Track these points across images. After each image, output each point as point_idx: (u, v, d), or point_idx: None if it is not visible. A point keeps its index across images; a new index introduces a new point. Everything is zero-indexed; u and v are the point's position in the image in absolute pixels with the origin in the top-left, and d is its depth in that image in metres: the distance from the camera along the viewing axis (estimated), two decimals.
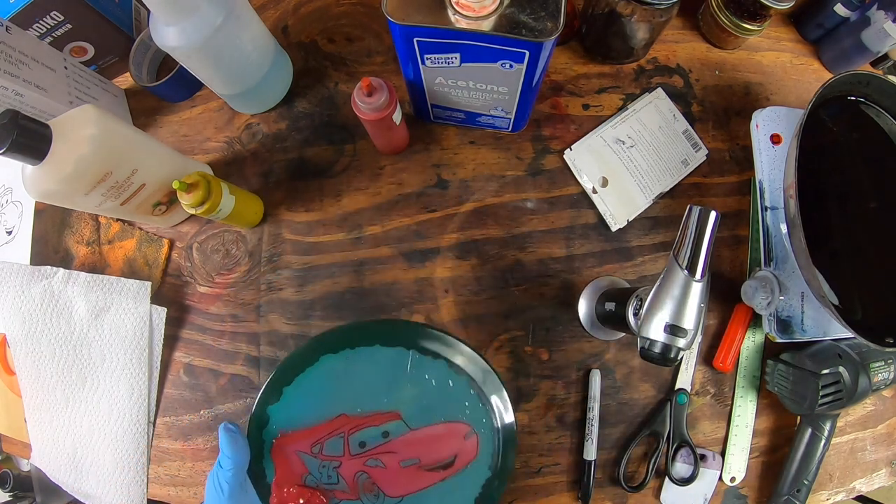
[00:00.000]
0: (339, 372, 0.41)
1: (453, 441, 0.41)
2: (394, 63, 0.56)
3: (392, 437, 0.40)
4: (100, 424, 0.52)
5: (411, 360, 0.41)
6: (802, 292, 0.48)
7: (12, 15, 0.46)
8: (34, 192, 0.41)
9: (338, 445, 0.40)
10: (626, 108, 0.54)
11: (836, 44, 0.55)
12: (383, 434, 0.40)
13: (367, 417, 0.40)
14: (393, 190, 0.53)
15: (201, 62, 0.46)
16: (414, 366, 0.41)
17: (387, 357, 0.41)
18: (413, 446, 0.40)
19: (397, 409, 0.41)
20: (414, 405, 0.41)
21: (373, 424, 0.40)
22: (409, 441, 0.40)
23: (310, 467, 0.40)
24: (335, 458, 0.40)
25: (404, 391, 0.41)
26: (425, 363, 0.41)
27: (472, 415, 0.41)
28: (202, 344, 0.53)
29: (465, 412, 0.41)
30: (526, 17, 0.35)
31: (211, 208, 0.45)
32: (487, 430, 0.41)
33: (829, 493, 0.51)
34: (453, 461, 0.41)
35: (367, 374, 0.41)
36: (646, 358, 0.35)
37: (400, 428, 0.40)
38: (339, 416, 0.40)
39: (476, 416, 0.41)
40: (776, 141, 0.51)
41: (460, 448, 0.41)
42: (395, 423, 0.40)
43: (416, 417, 0.41)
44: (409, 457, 0.40)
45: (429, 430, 0.41)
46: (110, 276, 0.53)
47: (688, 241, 0.34)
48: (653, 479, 0.49)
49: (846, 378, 0.45)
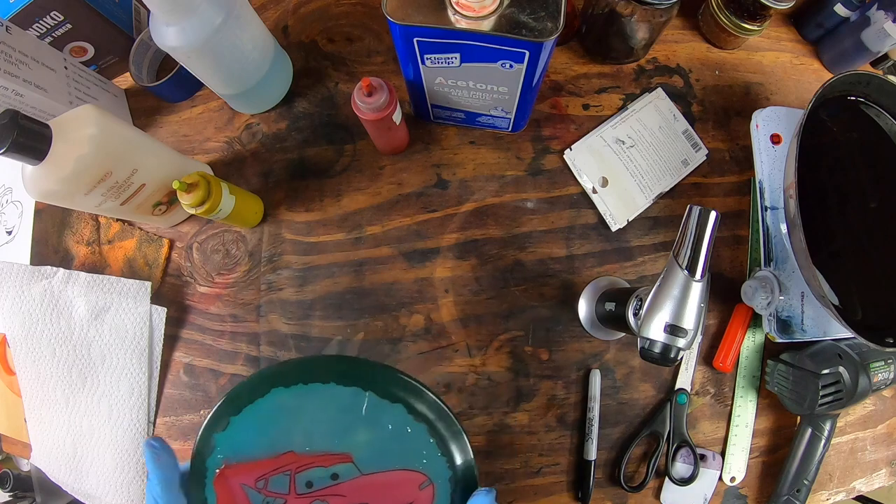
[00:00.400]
0: (290, 407, 0.38)
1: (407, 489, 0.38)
2: (394, 63, 0.56)
3: (342, 480, 0.38)
4: (100, 424, 0.52)
5: (367, 402, 0.38)
6: (802, 292, 0.48)
7: (12, 15, 0.46)
8: (34, 192, 0.41)
9: (283, 483, 0.38)
10: (626, 108, 0.54)
11: (836, 44, 0.55)
12: (332, 476, 0.38)
13: (317, 457, 0.38)
14: (393, 190, 0.53)
15: (201, 62, 0.46)
16: (370, 408, 0.38)
17: (342, 396, 0.38)
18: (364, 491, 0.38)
19: (349, 452, 0.38)
20: (367, 449, 0.38)
21: (322, 465, 0.38)
22: (359, 486, 0.38)
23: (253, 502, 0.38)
24: (280, 496, 0.38)
25: (358, 434, 0.38)
26: (383, 406, 0.38)
27: (429, 464, 0.38)
28: (202, 344, 0.53)
29: (421, 461, 0.38)
30: (526, 17, 0.35)
31: (211, 208, 0.45)
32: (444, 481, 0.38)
33: (829, 493, 0.51)
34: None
35: (319, 413, 0.38)
36: (646, 358, 0.35)
37: (350, 471, 0.38)
38: (287, 452, 0.38)
39: (433, 466, 0.38)
40: (776, 141, 0.51)
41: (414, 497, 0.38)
42: (345, 465, 0.38)
43: (369, 462, 0.38)
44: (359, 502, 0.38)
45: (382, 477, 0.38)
46: (110, 276, 0.53)
47: (688, 241, 0.34)
48: (653, 479, 0.49)
49: (846, 378, 0.45)
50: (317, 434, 0.38)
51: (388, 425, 0.38)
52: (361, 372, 0.38)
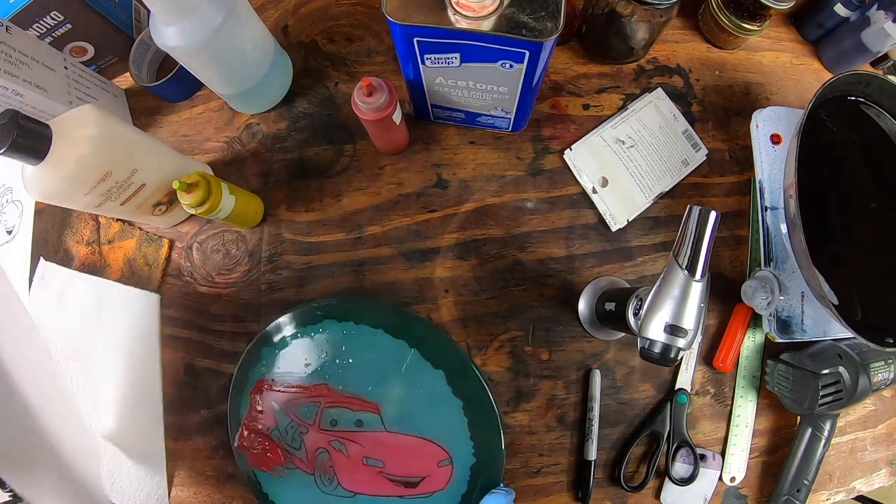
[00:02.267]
0: (337, 342, 0.38)
1: (425, 461, 0.37)
2: (394, 63, 0.56)
3: (364, 429, 0.37)
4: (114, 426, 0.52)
5: (410, 359, 0.38)
6: (802, 292, 0.48)
7: (12, 15, 0.46)
8: (34, 192, 0.41)
9: (311, 413, 0.38)
10: (626, 108, 0.54)
11: (836, 44, 0.55)
12: (356, 422, 0.37)
13: (347, 398, 0.38)
14: (393, 190, 0.53)
15: (201, 62, 0.46)
16: (411, 366, 0.38)
17: (387, 346, 0.38)
18: (381, 448, 0.37)
19: (379, 403, 0.38)
20: (397, 406, 0.38)
21: (350, 408, 0.38)
22: (379, 440, 0.37)
23: (279, 422, 0.39)
24: (304, 424, 0.38)
25: (392, 388, 0.38)
26: (424, 369, 0.38)
27: (454, 444, 0.37)
28: (202, 344, 0.53)
29: (447, 438, 0.37)
30: (526, 17, 0.35)
31: (211, 208, 0.45)
32: (465, 467, 0.37)
33: (829, 493, 0.51)
34: (418, 483, 0.37)
35: (361, 355, 0.38)
36: (646, 358, 0.35)
37: (375, 423, 0.37)
38: (322, 384, 0.38)
39: (458, 448, 0.37)
40: (776, 141, 0.51)
41: (431, 472, 0.37)
42: (372, 415, 0.37)
43: (395, 420, 0.37)
44: (374, 456, 0.37)
45: (403, 439, 0.37)
46: (119, 284, 0.53)
47: (688, 241, 0.34)
48: (653, 479, 0.49)
49: (846, 378, 0.45)
50: (353, 376, 0.38)
51: (422, 390, 0.37)
52: (414, 328, 0.38)
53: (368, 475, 0.37)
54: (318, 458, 0.37)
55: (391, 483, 0.37)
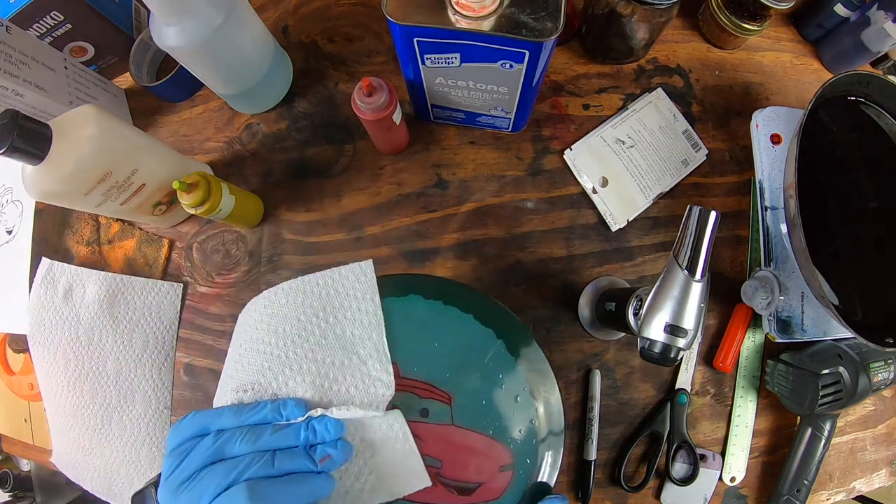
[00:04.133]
0: (419, 320, 0.35)
1: (487, 464, 0.34)
2: (394, 63, 0.56)
3: (429, 420, 0.34)
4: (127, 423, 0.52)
5: (494, 351, 0.35)
6: (802, 292, 0.48)
7: (12, 15, 0.46)
8: (34, 192, 0.41)
9: None
10: (626, 108, 0.54)
11: (836, 44, 0.55)
12: (422, 411, 0.34)
13: (417, 384, 0.34)
14: (393, 190, 0.53)
15: (201, 62, 0.46)
16: (494, 358, 0.35)
17: (473, 333, 0.35)
18: (443, 443, 0.34)
19: (452, 393, 0.34)
20: (471, 399, 0.34)
21: (417, 394, 0.34)
22: (442, 434, 0.34)
23: None
24: None
25: (470, 378, 0.34)
26: (506, 363, 0.35)
27: (519, 447, 0.34)
28: (202, 344, 0.53)
29: (515, 440, 0.34)
30: (526, 17, 0.35)
31: (211, 208, 0.45)
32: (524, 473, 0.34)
33: (829, 493, 0.51)
34: (474, 489, 0.34)
35: (443, 338, 0.35)
36: (646, 358, 0.35)
37: (442, 414, 0.34)
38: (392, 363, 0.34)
39: (522, 451, 0.34)
40: (776, 141, 0.51)
41: (490, 477, 0.34)
42: (441, 405, 0.34)
43: (465, 415, 0.34)
44: (433, 454, 0.33)
45: (469, 435, 0.34)
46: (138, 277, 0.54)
47: (688, 241, 0.34)
48: (653, 479, 0.49)
49: (846, 378, 0.45)
50: (429, 359, 0.34)
51: (503, 385, 0.34)
52: (505, 320, 0.36)
53: None
54: None
55: (444, 489, 0.33)
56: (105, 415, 0.52)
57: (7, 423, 0.58)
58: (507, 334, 0.36)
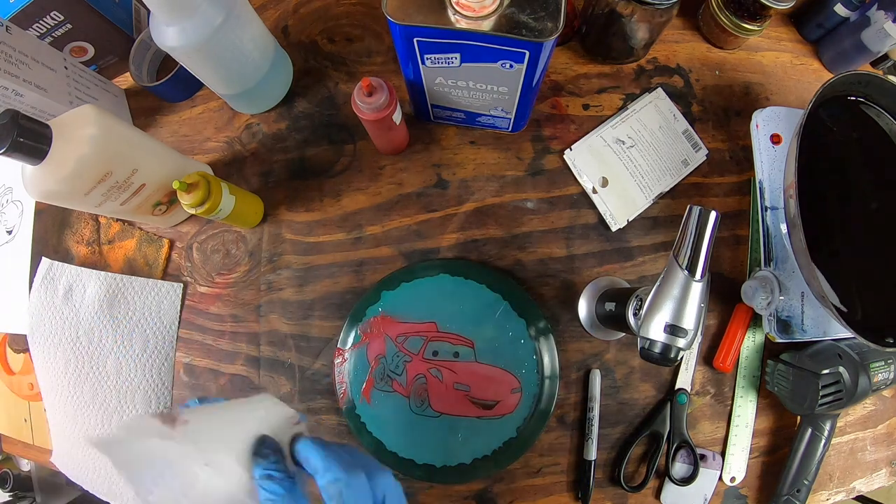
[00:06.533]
0: (448, 291, 0.49)
1: (502, 388, 0.48)
2: (394, 63, 0.56)
3: (459, 360, 0.48)
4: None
5: (502, 309, 0.48)
6: (802, 292, 0.48)
7: (12, 15, 0.46)
8: (34, 192, 0.41)
9: (417, 344, 0.49)
10: (626, 108, 0.54)
11: (836, 44, 0.55)
12: (454, 354, 0.48)
13: (450, 335, 0.48)
14: (393, 190, 0.53)
15: (201, 62, 0.46)
16: (502, 314, 0.48)
17: (487, 297, 0.49)
18: (470, 375, 0.48)
19: (473, 340, 0.48)
20: (488, 343, 0.48)
21: (450, 342, 0.48)
22: (469, 369, 0.48)
23: (388, 351, 0.49)
24: (410, 354, 0.49)
25: (486, 329, 0.48)
26: (511, 317, 0.48)
27: (525, 375, 0.48)
28: (202, 344, 0.53)
29: (521, 371, 0.48)
30: (526, 17, 0.35)
31: (211, 208, 0.45)
32: (530, 395, 0.48)
33: (829, 493, 0.51)
34: (494, 406, 0.48)
35: (465, 302, 0.49)
36: (646, 358, 0.35)
37: (469, 355, 0.48)
38: (431, 322, 0.49)
39: (528, 379, 0.48)
40: (776, 141, 0.51)
41: (504, 398, 0.48)
42: (467, 349, 0.48)
43: (485, 354, 0.48)
44: (464, 382, 0.48)
45: (489, 369, 0.48)
46: (139, 277, 0.54)
47: (688, 241, 0.34)
48: (653, 479, 0.49)
49: (846, 378, 0.45)
50: (457, 317, 0.49)
51: (510, 332, 0.48)
52: (508, 287, 0.49)
53: (455, 398, 0.48)
54: (414, 384, 0.48)
55: (473, 405, 0.48)
56: (105, 415, 0.52)
57: (7, 423, 0.58)
58: (510, 297, 0.49)
